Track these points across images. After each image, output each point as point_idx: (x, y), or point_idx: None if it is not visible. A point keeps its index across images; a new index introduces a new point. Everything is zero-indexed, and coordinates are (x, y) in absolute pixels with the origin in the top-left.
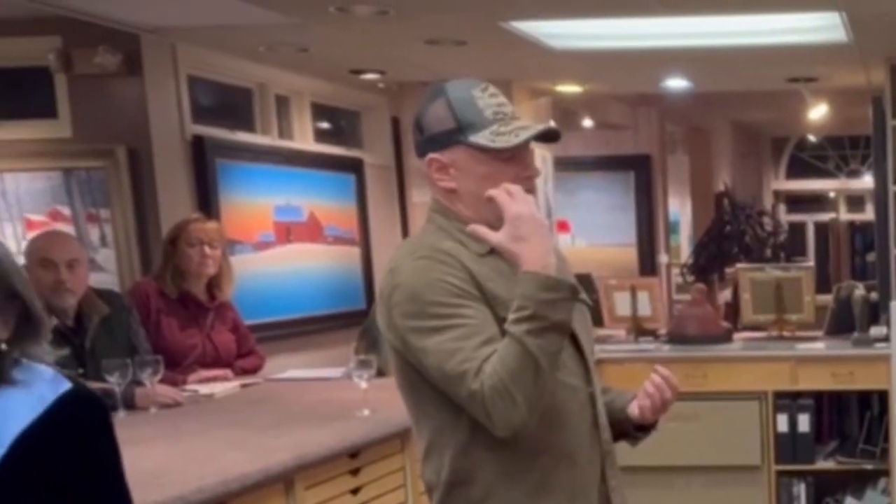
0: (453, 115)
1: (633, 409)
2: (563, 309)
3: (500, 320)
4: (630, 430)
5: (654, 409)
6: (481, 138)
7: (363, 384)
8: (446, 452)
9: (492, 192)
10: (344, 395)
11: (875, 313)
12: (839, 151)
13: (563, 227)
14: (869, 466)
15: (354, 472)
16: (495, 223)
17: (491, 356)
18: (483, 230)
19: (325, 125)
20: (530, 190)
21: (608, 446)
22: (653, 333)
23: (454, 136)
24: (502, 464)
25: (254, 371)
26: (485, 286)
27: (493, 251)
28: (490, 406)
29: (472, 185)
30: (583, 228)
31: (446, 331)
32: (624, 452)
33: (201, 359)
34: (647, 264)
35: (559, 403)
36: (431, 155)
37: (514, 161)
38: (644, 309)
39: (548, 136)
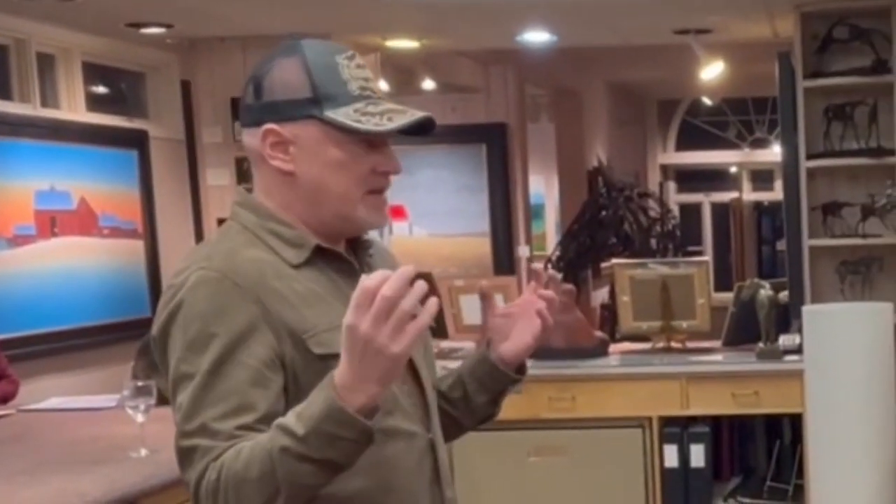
0: (310, 81)
1: (499, 351)
2: (341, 450)
3: (309, 358)
4: (506, 378)
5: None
6: (343, 116)
7: (140, 417)
8: None
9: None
10: (117, 429)
11: (785, 318)
12: (741, 117)
13: (397, 213)
14: None
15: None
16: (330, 222)
17: (238, 442)
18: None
19: (100, 90)
20: (383, 189)
21: None
22: None
23: (307, 107)
24: None
25: (3, 401)
26: (288, 317)
27: (314, 258)
28: (200, 494)
29: (315, 172)
30: (423, 215)
31: (220, 383)
32: (476, 498)
33: None
34: (504, 259)
35: (391, 456)
36: (270, 125)
37: (375, 151)
38: None
39: (421, 128)
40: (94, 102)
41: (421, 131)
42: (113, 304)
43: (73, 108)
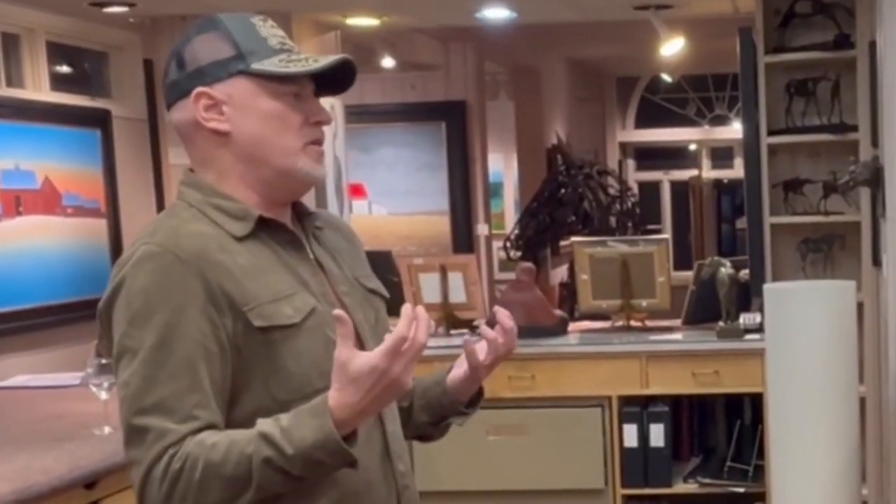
0: (232, 42)
1: (454, 378)
2: (322, 472)
3: (251, 330)
4: (453, 408)
5: (484, 368)
6: (269, 65)
7: (103, 394)
8: None
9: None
10: (81, 407)
11: (746, 297)
12: (701, 93)
13: (357, 191)
14: (739, 489)
15: None
16: (271, 180)
17: (204, 432)
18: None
19: (64, 69)
20: (320, 141)
21: (404, 480)
22: (468, 325)
23: (233, 64)
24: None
25: None
26: (230, 289)
27: (257, 231)
28: (156, 478)
29: (252, 126)
30: (382, 193)
31: (168, 358)
32: (434, 475)
33: None
34: (463, 237)
35: None
36: (200, 88)
37: (303, 102)
38: (457, 294)
39: (342, 80)
40: (58, 82)
41: (345, 79)
42: (77, 282)
43: (38, 88)
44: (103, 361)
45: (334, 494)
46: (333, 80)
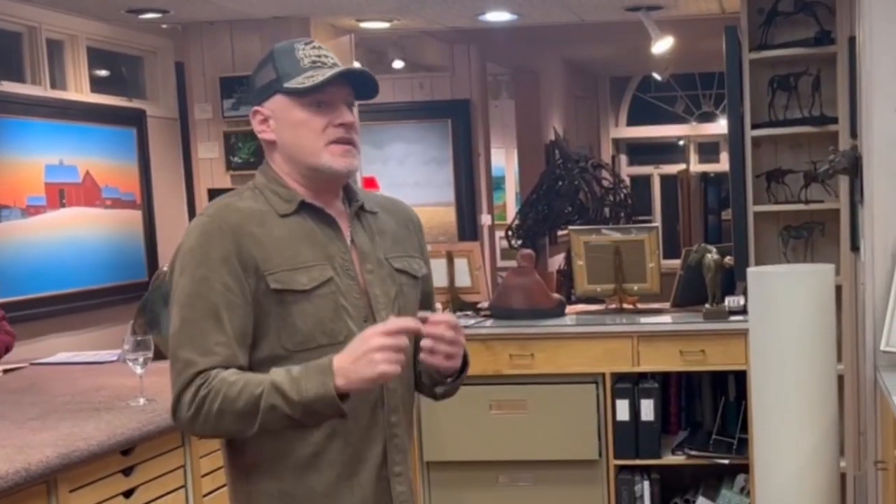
0: (275, 67)
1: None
2: (317, 420)
3: (269, 291)
4: (441, 379)
5: (439, 360)
6: (294, 83)
7: (139, 369)
8: None
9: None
10: (118, 381)
11: (731, 281)
12: (689, 92)
13: (370, 184)
14: (724, 461)
15: (127, 471)
16: (305, 174)
17: (227, 371)
18: None
19: (102, 73)
20: (350, 140)
21: (394, 429)
22: (473, 307)
23: (273, 86)
24: (274, 437)
25: (6, 351)
26: (258, 256)
27: (300, 211)
28: (186, 402)
29: (288, 134)
30: (393, 185)
31: (198, 303)
32: (440, 446)
33: None
34: (468, 226)
35: None
36: (254, 107)
37: (326, 109)
38: (463, 279)
39: (362, 90)
40: (98, 84)
41: (366, 88)
42: (114, 268)
43: (79, 90)
44: (138, 339)
45: (326, 429)
46: (364, 85)
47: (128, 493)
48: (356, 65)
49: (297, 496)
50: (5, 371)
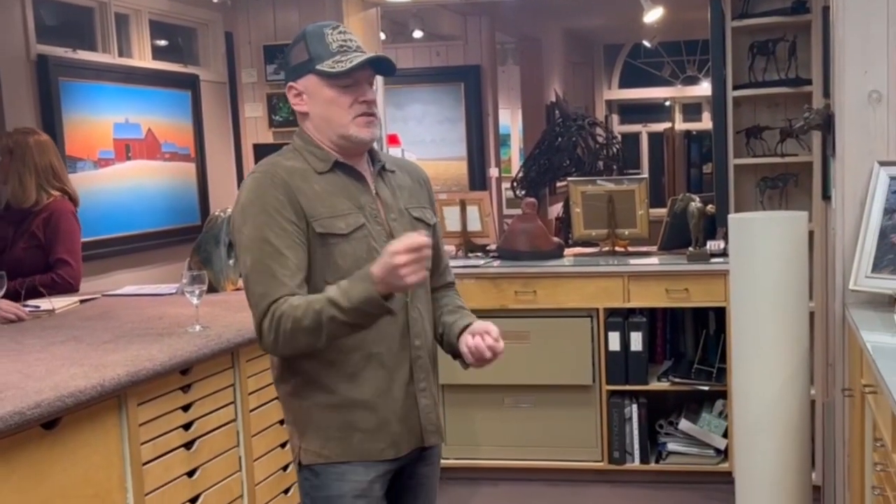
0: (307, 49)
1: (462, 346)
2: (369, 321)
3: (314, 234)
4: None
5: (476, 361)
6: (325, 66)
7: (195, 300)
8: None
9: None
10: (177, 310)
11: (712, 227)
12: (675, 57)
13: (393, 140)
14: (704, 388)
15: (185, 388)
16: (336, 141)
17: (293, 297)
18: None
19: (162, 42)
20: (371, 113)
21: (418, 352)
22: (483, 249)
23: (307, 66)
24: (323, 354)
25: (73, 281)
26: (304, 204)
27: (334, 169)
28: (266, 329)
29: (319, 108)
30: (412, 142)
31: (263, 245)
32: (450, 371)
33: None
34: (478, 178)
35: None
36: (290, 83)
37: (352, 88)
38: (474, 224)
39: (382, 69)
40: (158, 52)
41: (382, 71)
42: (172, 213)
43: (142, 57)
44: (194, 274)
45: (364, 352)
46: (384, 65)
47: (185, 408)
48: (381, 35)
49: (344, 406)
50: (82, 301)
